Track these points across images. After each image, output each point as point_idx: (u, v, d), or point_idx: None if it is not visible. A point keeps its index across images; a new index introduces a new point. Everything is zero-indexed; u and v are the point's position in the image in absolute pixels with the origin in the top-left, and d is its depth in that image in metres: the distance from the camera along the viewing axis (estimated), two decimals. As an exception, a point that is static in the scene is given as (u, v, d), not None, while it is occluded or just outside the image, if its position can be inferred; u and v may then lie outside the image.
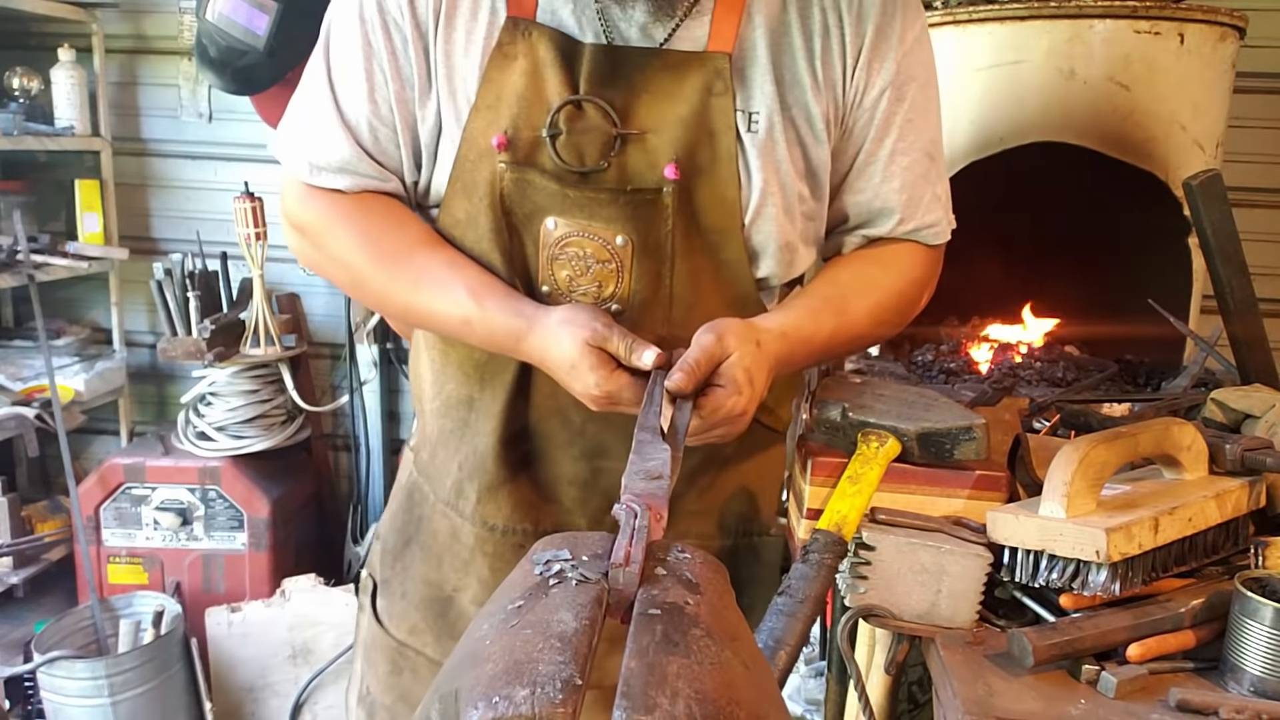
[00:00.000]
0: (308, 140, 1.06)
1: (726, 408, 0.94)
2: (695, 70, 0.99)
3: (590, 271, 1.02)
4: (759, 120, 1.01)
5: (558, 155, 0.99)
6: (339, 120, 1.04)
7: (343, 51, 1.03)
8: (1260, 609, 0.87)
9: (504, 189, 1.01)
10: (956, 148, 2.13)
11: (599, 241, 1.00)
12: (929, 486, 1.07)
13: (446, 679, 0.43)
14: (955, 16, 2.08)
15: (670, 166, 0.99)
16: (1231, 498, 1.04)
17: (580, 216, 1.00)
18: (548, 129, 0.99)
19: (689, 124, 0.99)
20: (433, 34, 1.00)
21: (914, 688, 1.33)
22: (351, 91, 1.03)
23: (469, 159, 1.02)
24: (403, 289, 1.05)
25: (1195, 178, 1.33)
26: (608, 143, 0.99)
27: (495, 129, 1.00)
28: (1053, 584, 0.95)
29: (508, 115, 0.99)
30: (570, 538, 0.51)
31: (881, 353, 2.33)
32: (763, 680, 0.46)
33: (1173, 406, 1.51)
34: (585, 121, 0.99)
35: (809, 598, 0.93)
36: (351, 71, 1.03)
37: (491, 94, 1.00)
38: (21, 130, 2.75)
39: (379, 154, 1.05)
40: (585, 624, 0.42)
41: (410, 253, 1.05)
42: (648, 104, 1.00)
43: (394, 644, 1.20)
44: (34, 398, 2.73)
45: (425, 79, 1.02)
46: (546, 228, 1.01)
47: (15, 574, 2.76)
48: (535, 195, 1.00)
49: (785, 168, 1.03)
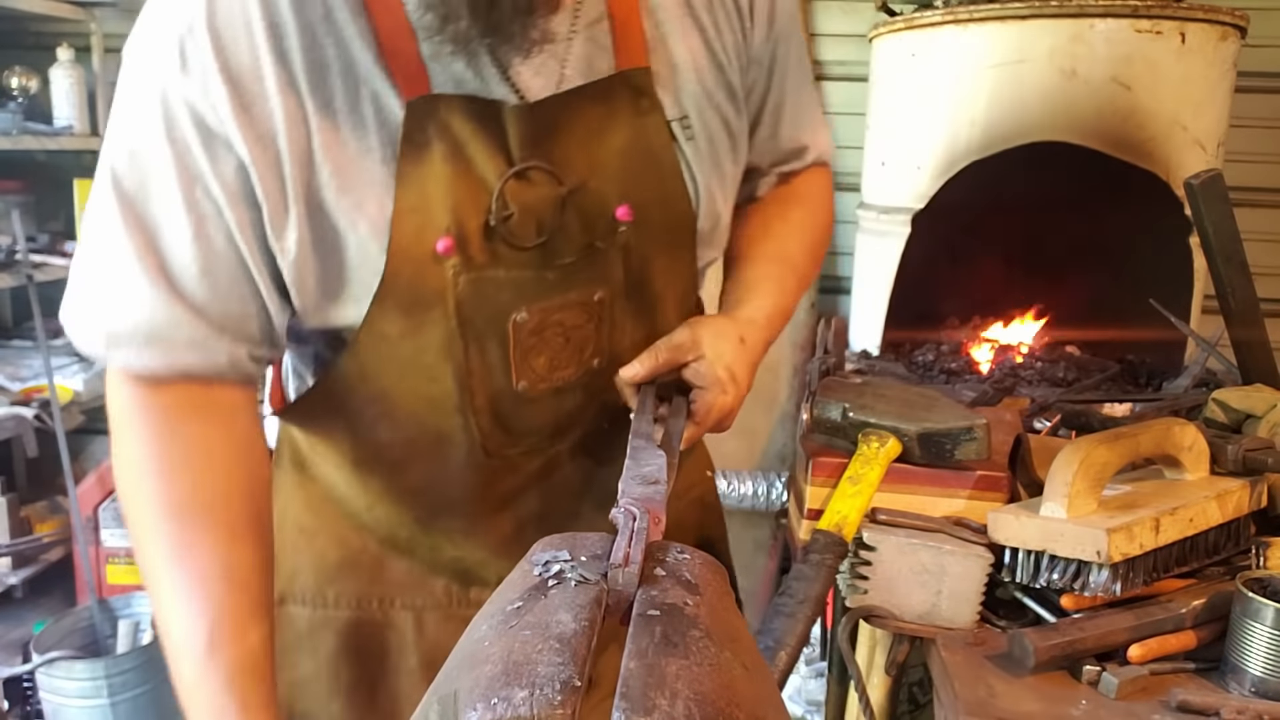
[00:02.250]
0: (110, 305, 0.80)
1: (718, 407, 0.94)
2: (617, 94, 0.89)
3: (570, 342, 0.92)
4: (691, 122, 0.94)
5: (513, 237, 0.85)
6: (153, 271, 0.78)
7: (151, 182, 0.78)
8: (1261, 609, 0.86)
9: (459, 296, 0.85)
10: (958, 147, 2.13)
11: (577, 309, 0.91)
12: (930, 487, 1.07)
13: (445, 680, 0.42)
14: (956, 16, 2.08)
15: (622, 209, 0.90)
16: (1233, 498, 1.04)
17: (556, 294, 0.89)
18: (496, 214, 0.83)
19: (627, 154, 0.90)
20: (302, 146, 0.79)
21: (915, 689, 1.32)
22: (170, 234, 0.79)
23: (403, 273, 0.83)
24: (156, 556, 0.81)
25: (1196, 177, 1.33)
26: (557, 205, 0.87)
27: (433, 232, 0.82)
28: (1054, 584, 0.95)
29: (443, 211, 0.82)
30: (570, 538, 0.51)
31: (882, 353, 2.34)
32: (762, 681, 0.46)
33: (1174, 407, 1.51)
34: (532, 191, 0.85)
35: (809, 598, 0.92)
36: (166, 208, 0.78)
37: (414, 193, 0.81)
38: (20, 130, 2.75)
39: (219, 301, 0.81)
40: (584, 625, 0.42)
41: (188, 513, 0.81)
42: (580, 147, 0.88)
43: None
44: (33, 398, 2.73)
45: (280, 198, 0.80)
46: (517, 322, 0.88)
47: (14, 574, 2.76)
48: (500, 294, 0.86)
49: (723, 158, 0.98)
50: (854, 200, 2.61)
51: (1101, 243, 2.38)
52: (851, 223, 2.68)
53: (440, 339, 0.87)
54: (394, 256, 0.82)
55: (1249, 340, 1.39)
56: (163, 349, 0.80)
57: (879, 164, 2.37)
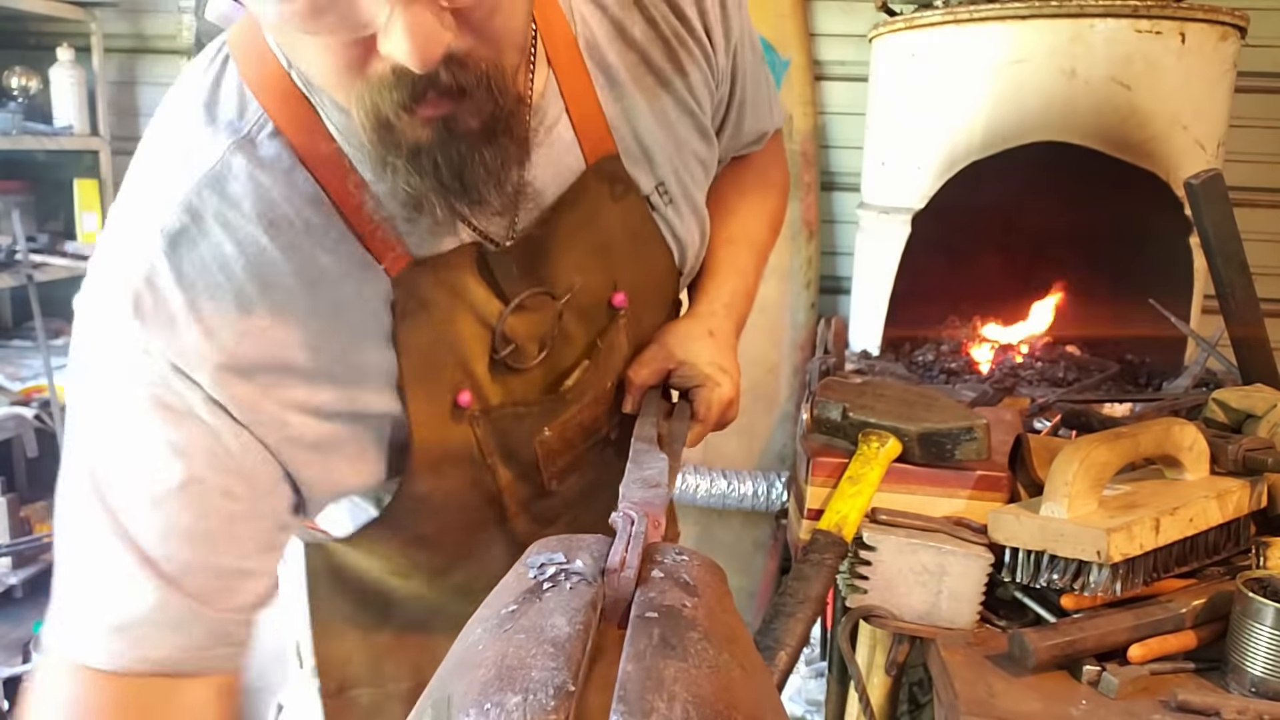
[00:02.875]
0: (91, 597, 0.69)
1: (717, 400, 0.96)
2: (591, 188, 0.87)
3: (588, 430, 0.96)
4: (668, 187, 0.93)
5: (519, 365, 0.85)
6: (133, 553, 0.68)
7: (158, 522, 0.69)
8: (1262, 609, 0.86)
9: (482, 440, 0.86)
10: (957, 147, 2.13)
11: (593, 405, 0.94)
12: (930, 487, 1.06)
13: (439, 684, 0.42)
14: (956, 16, 2.08)
15: (618, 296, 0.91)
16: (1233, 498, 1.04)
17: (573, 405, 0.91)
18: (500, 351, 0.83)
19: (611, 244, 0.90)
20: (291, 373, 0.74)
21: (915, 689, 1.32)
22: (175, 555, 0.69)
23: (426, 445, 0.82)
24: None
25: (1196, 177, 1.33)
26: (555, 318, 0.87)
27: (447, 389, 0.81)
28: (1054, 584, 0.95)
29: (452, 366, 0.81)
30: (565, 540, 0.51)
31: (882, 353, 2.33)
32: (761, 683, 0.45)
33: (1174, 406, 1.50)
34: (530, 316, 0.85)
35: (809, 598, 0.92)
36: (174, 540, 0.69)
37: (416, 360, 0.79)
38: (20, 130, 2.74)
39: (209, 556, 0.71)
40: (579, 629, 0.42)
41: None
42: (565, 251, 0.87)
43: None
44: (32, 398, 2.73)
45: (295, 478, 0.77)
46: (542, 439, 0.90)
47: (14, 574, 2.76)
48: (520, 426, 0.88)
49: (699, 202, 0.99)
50: (854, 200, 2.60)
51: (1101, 243, 2.38)
52: (851, 223, 2.68)
53: (469, 479, 0.89)
54: (417, 427, 0.80)
55: (1249, 340, 1.38)
56: (133, 640, 0.68)
57: (879, 164, 2.37)
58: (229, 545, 0.72)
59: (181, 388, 0.69)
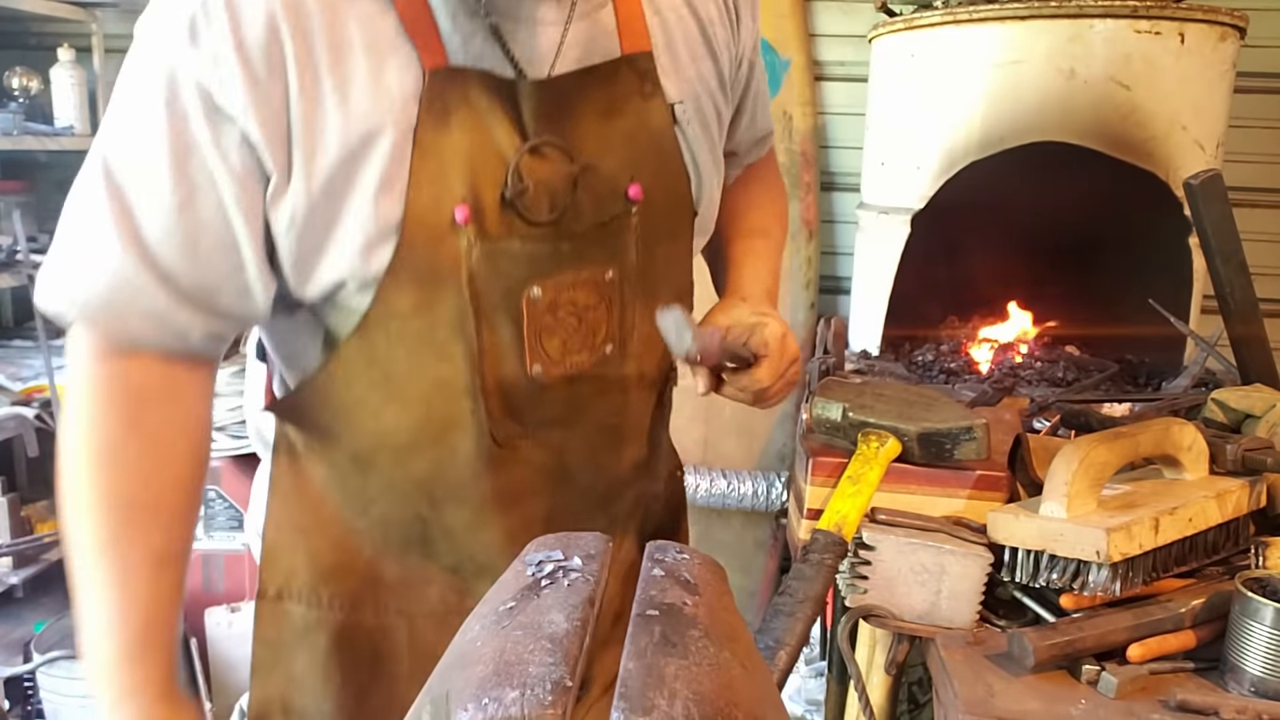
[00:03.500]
0: (76, 268, 0.82)
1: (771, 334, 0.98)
2: (623, 77, 0.92)
3: (583, 323, 0.92)
4: (686, 108, 0.97)
5: (528, 211, 0.86)
6: (125, 237, 0.80)
7: (141, 154, 0.79)
8: (1261, 609, 0.87)
9: (473, 268, 0.85)
10: (957, 148, 2.13)
11: (590, 287, 0.91)
12: (929, 486, 1.07)
13: (438, 680, 0.42)
14: (955, 16, 2.08)
15: (633, 187, 0.92)
16: (1232, 498, 1.04)
17: (569, 269, 0.89)
18: (511, 187, 0.84)
19: (634, 136, 0.92)
20: (314, 112, 0.80)
21: (914, 688, 1.33)
22: (152, 202, 0.79)
23: (418, 241, 0.83)
24: (84, 551, 0.84)
25: (1196, 177, 1.33)
26: (570, 182, 0.88)
27: (450, 199, 0.83)
28: (1053, 584, 0.95)
29: (461, 181, 0.83)
30: (564, 538, 0.51)
31: (882, 353, 2.34)
32: (761, 681, 0.46)
33: (1173, 406, 1.51)
34: (546, 167, 0.87)
35: (809, 598, 0.92)
36: (153, 177, 0.79)
37: (431, 163, 0.82)
38: (21, 130, 2.74)
39: (192, 271, 0.82)
40: (576, 625, 0.42)
41: (128, 508, 0.84)
42: (592, 128, 0.90)
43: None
44: (33, 398, 2.73)
45: (285, 172, 0.81)
46: (531, 298, 0.88)
47: (15, 574, 2.76)
48: (515, 267, 0.87)
49: (716, 144, 1.03)
50: (854, 200, 2.61)
51: (1101, 243, 2.38)
52: (851, 223, 2.68)
53: (453, 314, 0.86)
54: (410, 225, 0.83)
55: (1248, 340, 1.39)
56: (121, 317, 0.82)
57: (878, 164, 2.37)
58: (221, 246, 0.82)
59: (220, 98, 0.78)
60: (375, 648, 1.00)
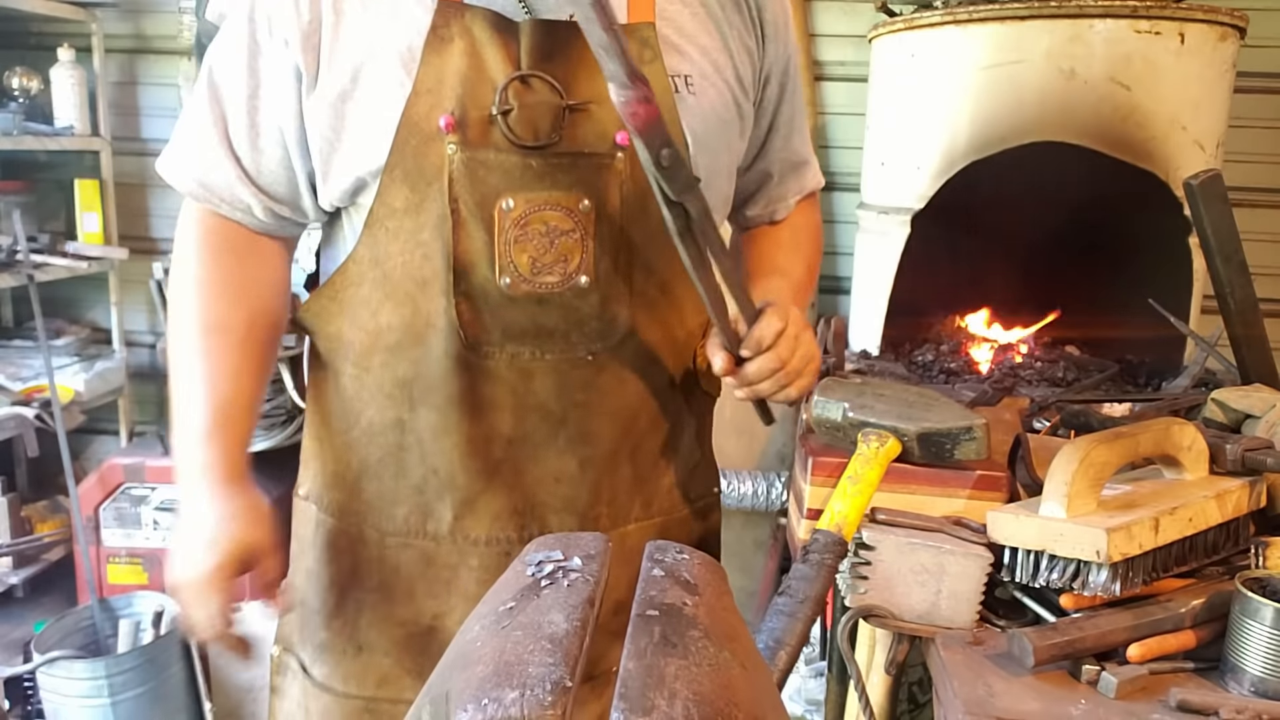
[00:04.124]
0: (186, 152, 1.06)
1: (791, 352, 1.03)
2: None
3: (555, 246, 0.99)
4: (693, 82, 1.03)
5: (511, 131, 0.96)
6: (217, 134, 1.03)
7: (228, 58, 1.02)
8: (1261, 609, 0.87)
9: (454, 173, 0.97)
10: (957, 148, 2.14)
11: (562, 211, 0.98)
12: (929, 486, 1.07)
13: (438, 680, 0.42)
14: (955, 16, 2.08)
15: (621, 134, 0.98)
16: (1232, 498, 1.04)
17: (540, 188, 0.98)
18: (498, 105, 0.96)
19: None
20: (334, 25, 0.98)
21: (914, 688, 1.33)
22: (233, 95, 1.02)
23: (410, 143, 0.97)
24: (184, 358, 1.05)
25: (1196, 177, 1.33)
26: (558, 115, 0.97)
27: (439, 111, 0.96)
28: (1053, 584, 0.95)
29: (452, 96, 0.96)
30: (563, 538, 0.51)
31: (882, 352, 2.34)
32: (761, 681, 0.46)
33: (1173, 406, 1.51)
34: (533, 96, 0.97)
35: (809, 598, 0.92)
36: (234, 74, 1.02)
37: (431, 77, 0.96)
38: (21, 130, 2.74)
39: (259, 158, 1.04)
40: (576, 625, 0.42)
41: (217, 330, 1.05)
42: (587, 76, 0.98)
43: (360, 703, 1.11)
44: (34, 398, 2.73)
45: (314, 70, 0.99)
46: (503, 209, 0.98)
47: (15, 574, 2.76)
48: (489, 176, 0.97)
49: (726, 128, 1.07)
50: (854, 200, 2.61)
51: (1101, 243, 2.38)
52: (851, 223, 2.68)
53: (435, 216, 0.98)
54: (404, 127, 0.97)
55: (1248, 340, 1.39)
56: (214, 199, 1.05)
57: (878, 164, 2.38)
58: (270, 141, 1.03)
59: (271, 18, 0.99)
60: (355, 556, 1.11)
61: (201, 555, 1.00)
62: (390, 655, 1.10)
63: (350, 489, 1.11)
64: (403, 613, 1.09)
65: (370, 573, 1.10)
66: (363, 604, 1.10)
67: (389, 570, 1.09)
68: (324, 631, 1.12)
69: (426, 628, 1.09)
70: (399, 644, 1.10)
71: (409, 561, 1.09)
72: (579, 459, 1.07)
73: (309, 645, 1.14)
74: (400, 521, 1.08)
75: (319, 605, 1.13)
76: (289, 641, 1.18)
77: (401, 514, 1.08)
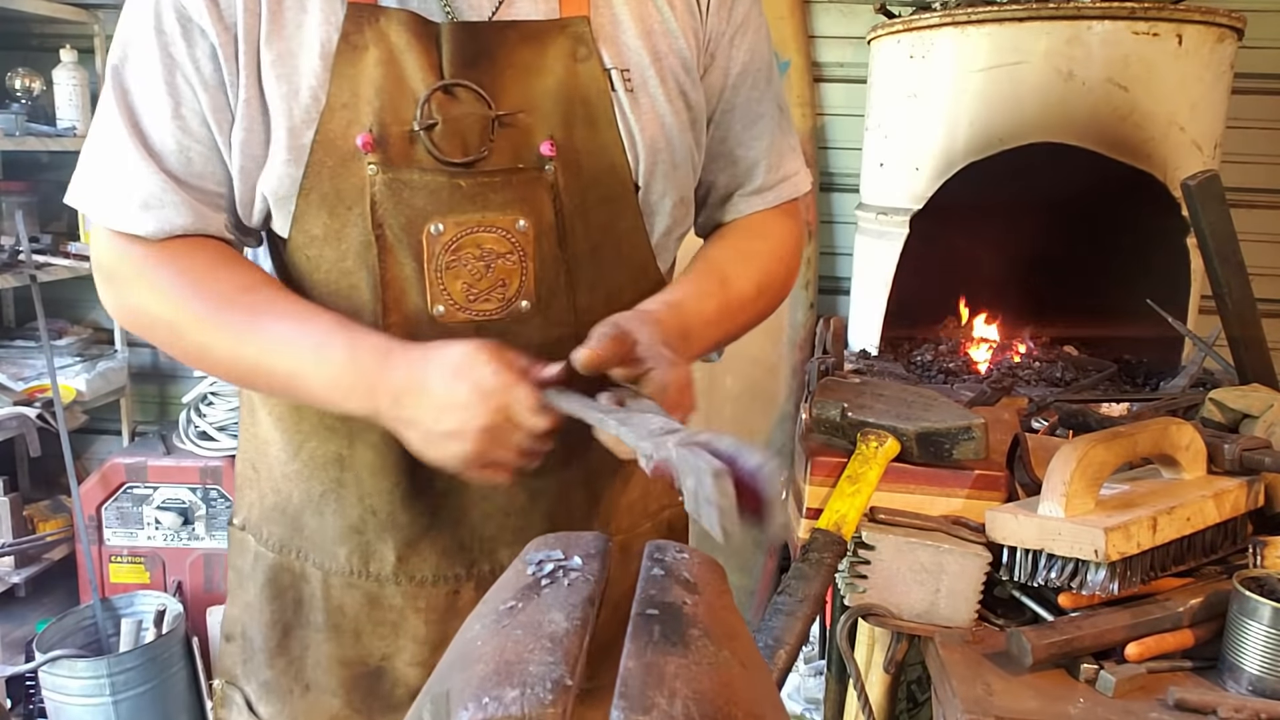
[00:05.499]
0: (108, 177, 0.91)
1: (673, 380, 0.86)
2: (555, 38, 0.92)
3: (491, 271, 0.91)
4: (631, 76, 0.95)
5: (436, 148, 0.88)
6: (140, 148, 0.89)
7: (139, 70, 0.89)
8: (1258, 608, 0.87)
9: (376, 196, 0.88)
10: (955, 148, 2.14)
11: (498, 233, 0.90)
12: (928, 486, 1.07)
13: (438, 680, 0.43)
14: (954, 18, 2.08)
15: (546, 144, 0.91)
16: (1230, 497, 1.04)
17: (472, 210, 0.89)
18: (420, 120, 0.88)
19: (558, 96, 0.91)
20: (254, 32, 0.88)
21: (913, 687, 1.33)
22: (153, 113, 0.89)
23: (326, 164, 0.88)
24: (231, 332, 0.89)
25: (1193, 178, 1.33)
26: (486, 127, 0.89)
27: (357, 128, 0.88)
28: (1051, 583, 0.96)
29: (369, 112, 0.88)
30: (564, 537, 0.51)
31: (881, 353, 2.34)
32: (760, 680, 0.46)
33: (1171, 406, 1.51)
34: (459, 107, 0.89)
35: (808, 597, 0.93)
36: (151, 91, 0.89)
37: (345, 91, 0.88)
38: (24, 131, 2.74)
39: (194, 179, 0.91)
40: (576, 624, 0.42)
41: (243, 292, 0.90)
42: (514, 80, 0.91)
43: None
44: (36, 397, 2.73)
45: (235, 81, 0.89)
46: (432, 233, 0.89)
47: (17, 573, 2.76)
48: (415, 198, 0.89)
49: (670, 122, 0.97)
50: (852, 201, 2.61)
51: (1099, 243, 2.38)
52: (850, 223, 2.69)
53: (359, 243, 0.90)
54: (319, 147, 0.88)
55: (1246, 340, 1.39)
56: (158, 214, 0.89)
57: (877, 165, 2.38)
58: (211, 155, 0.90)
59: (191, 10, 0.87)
60: (298, 593, 1.04)
61: (460, 379, 0.80)
62: (339, 696, 1.04)
63: (291, 524, 1.03)
64: (350, 653, 1.03)
65: (315, 611, 1.03)
66: (308, 643, 1.04)
67: (334, 609, 1.02)
68: (268, 670, 1.06)
69: (375, 668, 1.03)
70: (347, 685, 1.04)
71: (354, 602, 1.02)
72: (529, 491, 1.00)
73: (253, 681, 1.08)
74: (343, 561, 1.01)
75: (262, 643, 1.06)
76: (231, 674, 1.11)
77: (343, 554, 1.01)
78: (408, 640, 1.02)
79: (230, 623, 1.10)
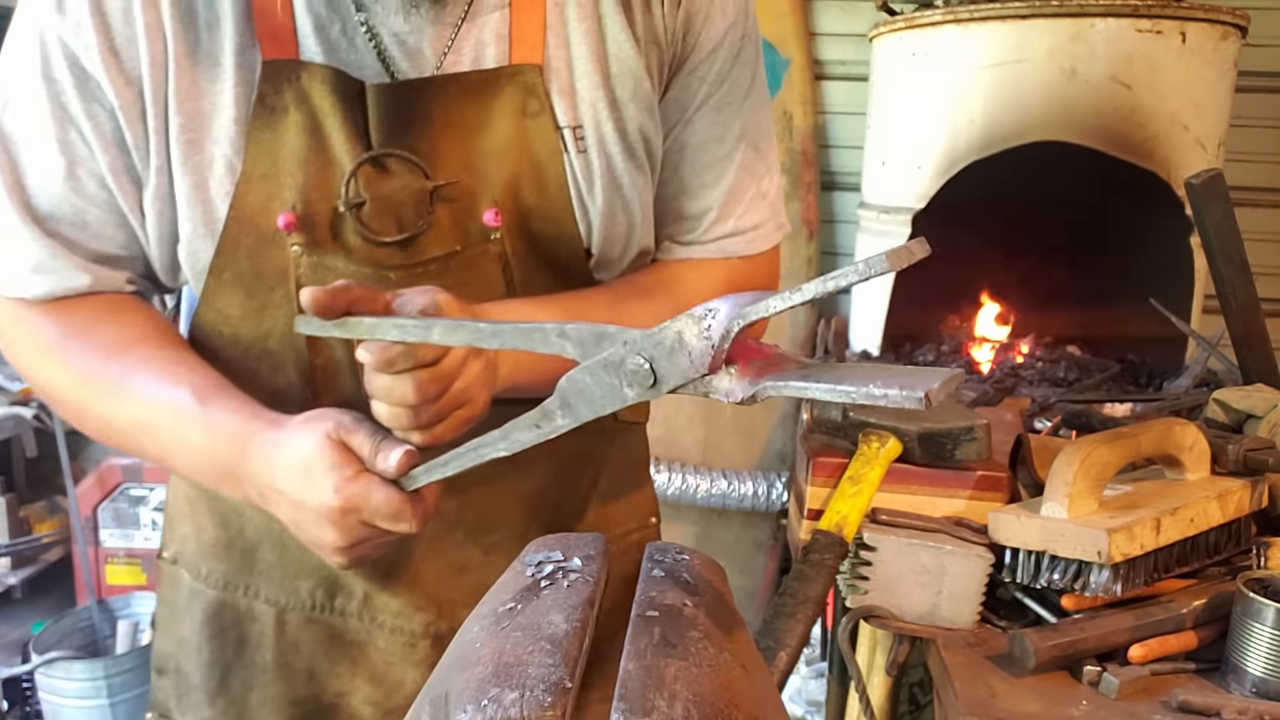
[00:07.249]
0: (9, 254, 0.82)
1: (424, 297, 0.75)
2: (503, 90, 0.81)
3: None
4: (585, 135, 0.84)
5: (365, 227, 0.79)
6: (23, 212, 0.80)
7: (24, 121, 0.79)
8: (1262, 610, 0.86)
9: (301, 280, 0.79)
10: (958, 147, 2.13)
11: None
12: (930, 487, 1.06)
13: (437, 681, 0.42)
14: (957, 16, 2.08)
15: (489, 212, 0.82)
16: (1233, 498, 1.04)
17: None
18: (345, 200, 0.78)
19: (504, 156, 0.82)
20: (162, 90, 0.78)
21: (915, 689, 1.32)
22: (43, 173, 0.80)
23: (243, 243, 0.79)
24: (104, 394, 0.80)
25: (1197, 177, 1.33)
26: (422, 200, 0.80)
27: (278, 205, 0.78)
28: (1054, 585, 0.95)
29: (291, 186, 0.78)
30: (563, 539, 0.51)
31: (882, 352, 2.34)
32: (761, 682, 0.45)
33: (1175, 406, 1.51)
34: (390, 182, 0.79)
35: (809, 598, 0.92)
36: (40, 147, 0.79)
37: (264, 160, 0.78)
38: None
39: (89, 241, 0.82)
40: (576, 626, 0.42)
41: (113, 354, 0.80)
42: (454, 140, 0.81)
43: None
44: (32, 398, 2.73)
45: (144, 143, 0.79)
46: None
47: (13, 574, 2.76)
48: None
49: (626, 183, 0.87)
50: (854, 200, 2.60)
51: (1102, 242, 2.38)
52: (852, 222, 2.68)
53: (284, 326, 0.82)
54: (234, 224, 0.79)
55: (1250, 339, 1.38)
56: (49, 279, 0.82)
57: (879, 163, 2.37)
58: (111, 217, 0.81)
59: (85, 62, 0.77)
60: (242, 632, 0.97)
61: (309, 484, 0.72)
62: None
63: (241, 559, 0.95)
64: (302, 691, 0.96)
65: (262, 651, 0.96)
66: (252, 683, 0.97)
67: (286, 647, 0.96)
68: (208, 709, 0.99)
69: (328, 705, 0.97)
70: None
71: (311, 639, 0.95)
72: (482, 546, 0.93)
73: (190, 718, 1.01)
74: (304, 595, 0.94)
75: (200, 681, 0.99)
76: (165, 708, 1.04)
77: (306, 587, 0.94)
78: (364, 679, 0.96)
79: (162, 657, 1.03)
